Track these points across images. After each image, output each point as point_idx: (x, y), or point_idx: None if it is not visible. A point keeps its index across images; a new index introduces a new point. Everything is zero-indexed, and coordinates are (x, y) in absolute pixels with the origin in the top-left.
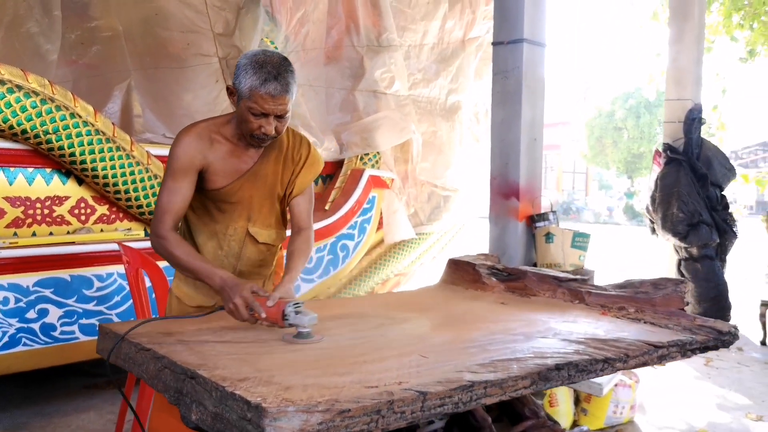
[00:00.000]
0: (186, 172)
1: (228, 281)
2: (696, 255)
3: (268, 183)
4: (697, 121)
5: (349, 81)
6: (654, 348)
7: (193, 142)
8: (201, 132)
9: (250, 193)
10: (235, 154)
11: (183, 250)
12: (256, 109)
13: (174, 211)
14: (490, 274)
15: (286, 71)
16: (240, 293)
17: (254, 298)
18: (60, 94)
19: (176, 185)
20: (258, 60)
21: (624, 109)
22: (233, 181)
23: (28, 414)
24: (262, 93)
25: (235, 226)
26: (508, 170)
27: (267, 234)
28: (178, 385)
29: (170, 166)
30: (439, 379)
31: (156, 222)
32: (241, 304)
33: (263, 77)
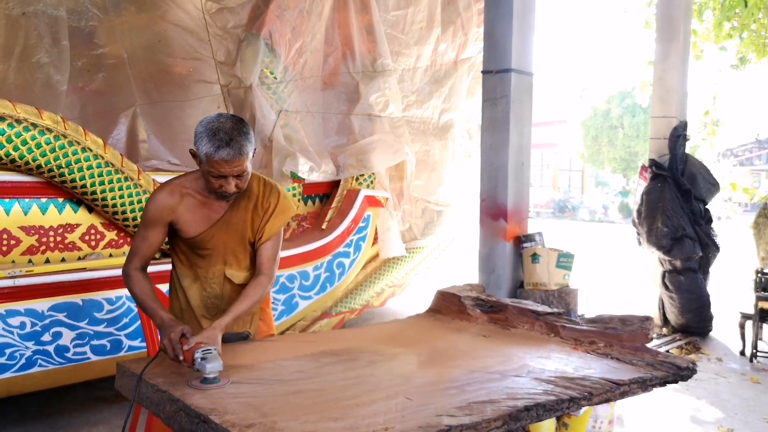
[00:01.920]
0: (155, 224)
1: (165, 322)
2: (679, 267)
3: (239, 230)
4: (681, 137)
5: (345, 105)
6: (616, 386)
7: (164, 198)
8: (173, 189)
9: (224, 240)
10: (206, 206)
11: (140, 288)
12: (213, 172)
13: (141, 254)
14: (475, 305)
15: (239, 134)
16: (169, 335)
17: (178, 341)
18: (72, 130)
19: (146, 234)
20: (211, 128)
21: (620, 108)
22: (206, 230)
23: (42, 427)
24: (216, 159)
25: (213, 270)
26: (496, 193)
27: (243, 276)
28: (193, 427)
29: (144, 217)
30: (421, 424)
31: (127, 262)
32: (168, 345)
33: (216, 144)
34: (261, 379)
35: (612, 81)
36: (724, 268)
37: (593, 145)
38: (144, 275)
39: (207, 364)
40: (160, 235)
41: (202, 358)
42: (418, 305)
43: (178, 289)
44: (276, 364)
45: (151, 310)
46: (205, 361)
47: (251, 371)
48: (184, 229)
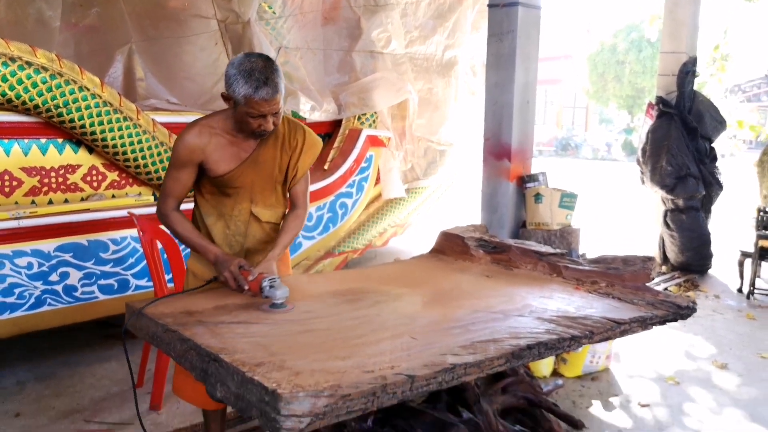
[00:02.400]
0: (186, 165)
1: (219, 257)
2: (682, 206)
3: (266, 168)
4: (690, 74)
5: (347, 42)
6: (617, 324)
7: (193, 139)
8: (201, 129)
9: (251, 178)
10: (234, 144)
11: (184, 227)
12: (253, 113)
13: (175, 195)
14: (478, 246)
15: (273, 72)
16: (228, 267)
17: (240, 273)
18: (68, 68)
19: (178, 175)
20: (245, 69)
21: (626, 42)
22: (235, 168)
23: (55, 365)
24: (256, 99)
25: (239, 208)
26: (500, 132)
27: (269, 214)
28: (204, 366)
29: (173, 158)
30: (426, 363)
31: (161, 202)
32: (230, 276)
33: (254, 85)
34: (269, 319)
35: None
36: (726, 205)
37: (599, 81)
38: (182, 214)
39: (276, 291)
40: (191, 175)
41: (271, 286)
42: (421, 244)
43: (201, 227)
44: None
45: (201, 247)
46: (273, 289)
47: (259, 311)
48: (212, 168)
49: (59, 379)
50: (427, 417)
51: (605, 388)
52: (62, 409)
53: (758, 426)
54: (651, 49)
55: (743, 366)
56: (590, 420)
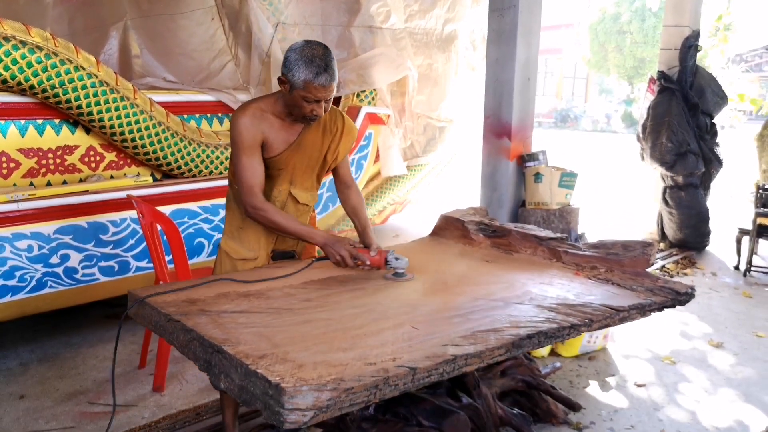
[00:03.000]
0: (253, 148)
1: (330, 238)
2: (681, 183)
3: (309, 152)
4: (693, 48)
5: (345, 17)
6: (616, 312)
7: (251, 120)
8: (254, 111)
9: (294, 161)
10: (283, 128)
11: (283, 217)
12: (310, 97)
13: (259, 183)
14: (478, 230)
15: (332, 60)
16: (344, 247)
17: (358, 251)
18: (63, 47)
19: (250, 160)
20: (307, 55)
21: (629, 12)
22: (283, 151)
23: (57, 345)
24: (315, 84)
25: (279, 189)
26: (501, 110)
27: (305, 195)
28: (207, 357)
29: (239, 145)
30: (427, 354)
31: (248, 196)
32: (347, 255)
33: (315, 71)
34: (271, 308)
35: None
36: (725, 180)
37: (600, 51)
38: (274, 206)
39: (402, 261)
40: (261, 157)
41: (396, 258)
42: (420, 222)
43: (236, 207)
44: (285, 291)
45: (308, 233)
46: (399, 260)
47: (261, 300)
48: (266, 150)
49: (62, 361)
50: (427, 404)
51: (602, 367)
52: (66, 390)
53: (751, 406)
54: (654, 18)
55: (738, 345)
56: (587, 400)
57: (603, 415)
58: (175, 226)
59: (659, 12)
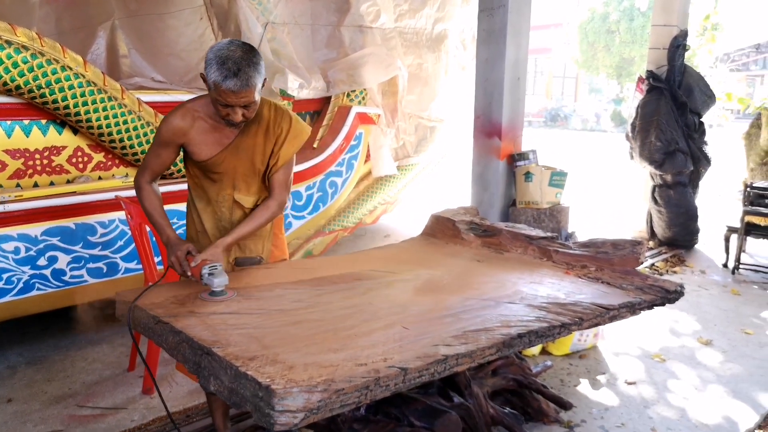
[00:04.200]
0: (167, 145)
1: (171, 240)
2: (670, 182)
3: (249, 155)
4: (681, 48)
5: (335, 16)
6: (606, 311)
7: (177, 121)
8: (185, 112)
9: (233, 164)
10: (217, 130)
11: (150, 204)
12: (220, 101)
13: (152, 170)
14: (469, 229)
15: (248, 65)
16: (176, 252)
17: (185, 258)
18: (49, 47)
19: (159, 151)
20: (221, 56)
21: (618, 11)
22: (216, 154)
23: (45, 348)
24: (223, 88)
25: (223, 194)
26: (491, 109)
27: (251, 200)
28: (196, 359)
29: (157, 135)
30: (418, 354)
31: (139, 173)
32: (175, 261)
33: (224, 74)
34: (261, 309)
35: None
36: (713, 178)
37: (589, 50)
38: (153, 189)
39: (215, 279)
40: (171, 155)
41: (210, 274)
42: (411, 222)
43: (194, 211)
44: (275, 293)
45: (159, 227)
46: (212, 277)
47: (251, 301)
48: (195, 152)
49: (51, 363)
50: (418, 404)
51: (593, 366)
52: (54, 393)
53: (740, 402)
54: (642, 18)
55: (727, 342)
56: (578, 398)
57: (594, 414)
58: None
59: (648, 11)
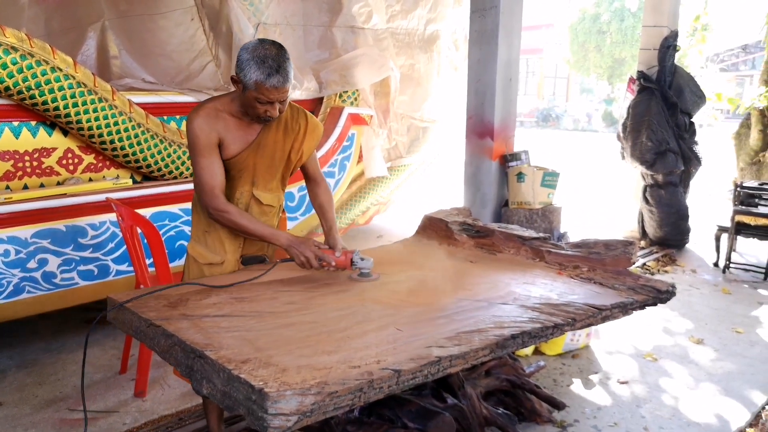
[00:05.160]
0: (211, 148)
1: (293, 240)
2: (661, 182)
3: (269, 151)
4: (671, 48)
5: (327, 17)
6: (599, 311)
7: (206, 120)
8: (209, 112)
9: (254, 161)
10: (241, 128)
11: (246, 219)
12: (262, 99)
13: (219, 184)
14: (462, 230)
15: (285, 61)
16: (309, 248)
17: (322, 252)
18: (39, 48)
19: (208, 161)
20: (259, 55)
21: (609, 12)
22: (241, 151)
23: (36, 351)
24: (267, 86)
25: (241, 190)
26: (483, 110)
27: (269, 197)
28: (189, 362)
29: (196, 147)
30: (412, 356)
31: (210, 198)
32: (312, 256)
33: (267, 72)
34: (254, 311)
35: None
36: (704, 178)
37: (580, 51)
38: (238, 208)
39: (367, 263)
40: (219, 158)
41: (362, 259)
42: (404, 222)
43: (201, 211)
44: (268, 295)
45: (272, 235)
46: (364, 261)
47: (243, 303)
48: (223, 151)
49: (41, 367)
50: (412, 405)
51: (585, 365)
52: (45, 397)
53: (732, 399)
54: (633, 19)
55: (718, 341)
56: (571, 398)
57: (587, 413)
58: (155, 229)
59: (638, 12)
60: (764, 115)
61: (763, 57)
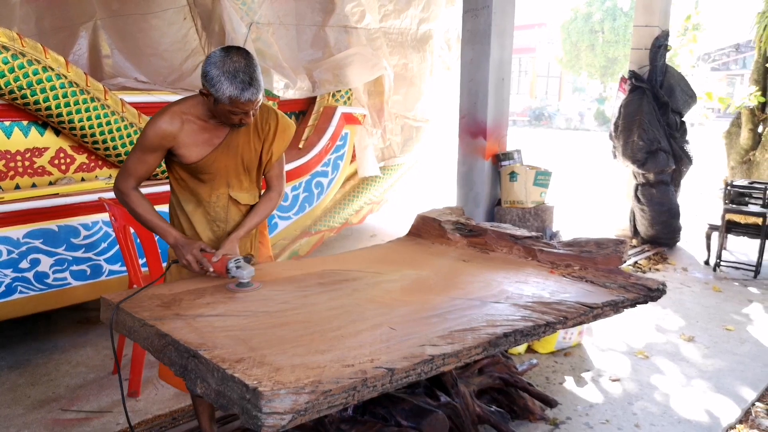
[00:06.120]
0: (154, 150)
1: (179, 240)
2: (652, 180)
3: (239, 152)
4: (662, 48)
5: (320, 16)
6: (590, 309)
7: (165, 126)
8: (173, 116)
9: (225, 163)
10: (206, 130)
11: (144, 208)
12: (237, 111)
13: (138, 176)
14: (455, 229)
15: (255, 71)
16: (191, 251)
17: (202, 255)
18: (30, 47)
19: (144, 157)
20: (229, 69)
21: (601, 11)
22: (208, 155)
23: (28, 351)
24: (242, 100)
25: (217, 194)
26: (476, 110)
27: (247, 196)
28: (183, 362)
29: (141, 141)
30: (405, 355)
31: (121, 179)
32: (192, 260)
33: (240, 87)
34: (248, 311)
35: None
36: (695, 176)
37: (572, 50)
38: (142, 195)
39: (243, 271)
40: (158, 160)
41: (237, 267)
42: (397, 221)
43: (180, 214)
44: (261, 294)
45: (162, 230)
46: (240, 269)
47: (237, 303)
48: (185, 155)
49: (34, 367)
50: (405, 404)
51: (577, 363)
52: (38, 398)
53: (722, 396)
54: (625, 18)
55: (709, 338)
56: (563, 395)
57: (579, 410)
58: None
59: (630, 11)
60: (754, 114)
61: (753, 56)
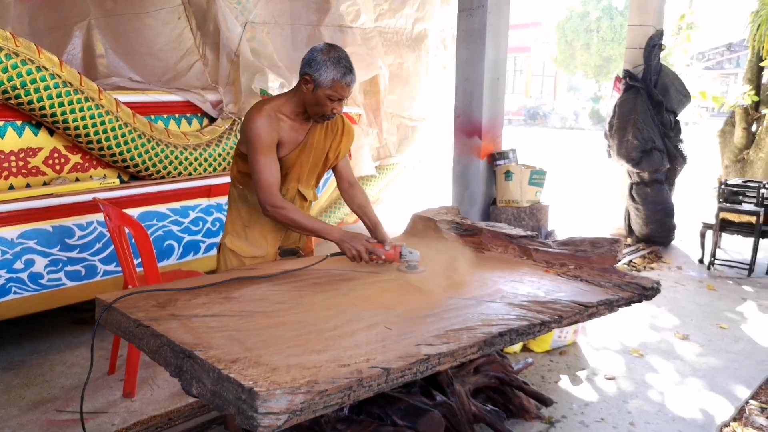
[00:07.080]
0: (271, 147)
1: (345, 234)
2: (647, 179)
3: (314, 150)
4: (657, 47)
5: (315, 16)
6: (585, 308)
7: (268, 121)
8: (268, 112)
9: (302, 160)
10: (293, 129)
11: (301, 215)
12: (335, 96)
13: (276, 182)
14: (450, 228)
15: (352, 63)
16: (360, 242)
17: (372, 245)
18: (24, 47)
19: (268, 160)
20: (333, 56)
21: (597, 10)
22: (292, 151)
23: (23, 352)
24: (343, 84)
25: (288, 187)
26: (471, 109)
27: (310, 192)
28: (178, 362)
29: (256, 145)
30: (401, 354)
31: (268, 195)
32: (363, 250)
33: (343, 71)
34: (243, 311)
35: None
36: (689, 175)
37: (567, 50)
38: (292, 203)
39: (415, 255)
40: (277, 158)
41: (410, 252)
42: (392, 221)
43: (242, 207)
44: (257, 294)
45: (324, 230)
46: (412, 254)
47: (233, 303)
48: (279, 149)
49: (29, 368)
50: (401, 403)
51: (573, 362)
52: (33, 399)
53: (716, 394)
54: (621, 17)
55: (704, 336)
56: (558, 394)
57: (574, 409)
58: (143, 229)
59: (625, 11)
60: (748, 113)
61: (747, 55)
